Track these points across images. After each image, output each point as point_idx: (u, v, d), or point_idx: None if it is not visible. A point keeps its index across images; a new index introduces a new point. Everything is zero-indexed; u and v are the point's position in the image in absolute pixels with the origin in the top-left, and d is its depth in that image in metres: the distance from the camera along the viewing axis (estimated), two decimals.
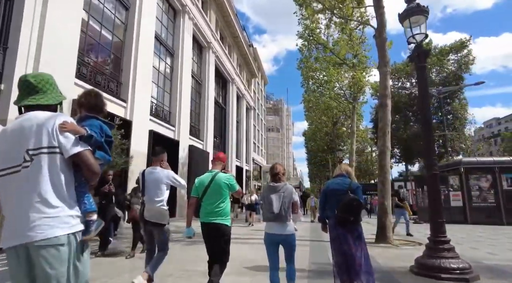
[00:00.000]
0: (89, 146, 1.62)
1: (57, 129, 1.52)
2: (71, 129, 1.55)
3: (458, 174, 15.79)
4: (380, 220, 8.18)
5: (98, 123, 1.80)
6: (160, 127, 16.15)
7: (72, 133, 1.56)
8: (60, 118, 1.56)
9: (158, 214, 3.76)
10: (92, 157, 1.60)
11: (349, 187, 3.55)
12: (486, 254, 6.97)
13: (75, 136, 1.57)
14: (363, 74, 15.13)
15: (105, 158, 1.78)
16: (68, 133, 1.54)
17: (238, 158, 32.66)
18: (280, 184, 3.43)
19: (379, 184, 8.45)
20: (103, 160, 1.76)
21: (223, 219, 3.42)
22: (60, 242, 1.44)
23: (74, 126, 1.59)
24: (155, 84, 16.58)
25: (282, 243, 3.33)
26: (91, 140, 1.64)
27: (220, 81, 29.04)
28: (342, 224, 3.45)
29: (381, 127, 8.58)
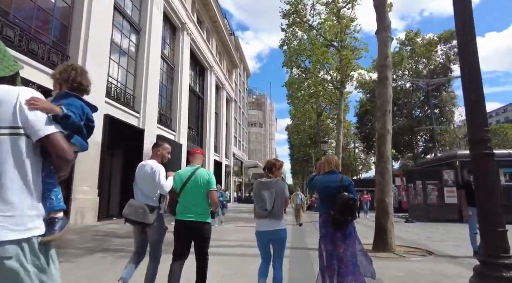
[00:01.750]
0: (63, 129, 1.37)
1: (22, 106, 1.26)
2: (42, 107, 1.31)
3: (453, 168, 14.44)
4: (378, 222, 6.47)
5: (79, 103, 1.58)
6: (120, 112, 13.94)
7: (44, 111, 1.32)
8: (25, 92, 1.31)
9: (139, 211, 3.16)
10: (65, 142, 1.35)
11: (341, 184, 3.35)
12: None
13: (47, 115, 1.33)
14: (352, 56, 13.45)
15: (82, 145, 1.57)
16: (38, 111, 1.30)
17: (216, 152, 30.64)
18: (272, 180, 3.30)
19: (377, 176, 6.74)
20: (79, 147, 1.55)
21: (202, 216, 3.17)
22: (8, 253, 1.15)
23: (46, 103, 1.35)
24: (115, 62, 14.33)
25: (273, 238, 3.22)
26: (67, 121, 1.41)
27: (197, 68, 26.86)
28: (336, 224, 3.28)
29: (380, 105, 6.88)
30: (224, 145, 33.26)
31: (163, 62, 19.33)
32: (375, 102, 27.37)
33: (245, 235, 8.58)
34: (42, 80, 9.29)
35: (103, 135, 12.23)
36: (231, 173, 37.09)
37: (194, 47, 24.01)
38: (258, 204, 3.22)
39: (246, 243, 7.22)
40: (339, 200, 3.20)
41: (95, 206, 11.63)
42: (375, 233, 6.53)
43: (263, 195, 3.20)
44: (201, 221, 3.13)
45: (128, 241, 7.32)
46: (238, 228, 11.41)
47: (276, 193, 3.20)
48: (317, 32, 15.03)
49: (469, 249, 6.87)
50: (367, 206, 17.50)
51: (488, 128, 3.01)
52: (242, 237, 8.36)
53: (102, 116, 12.22)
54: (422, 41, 27.87)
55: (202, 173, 3.25)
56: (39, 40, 10.05)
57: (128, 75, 15.55)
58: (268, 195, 3.19)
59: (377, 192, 6.66)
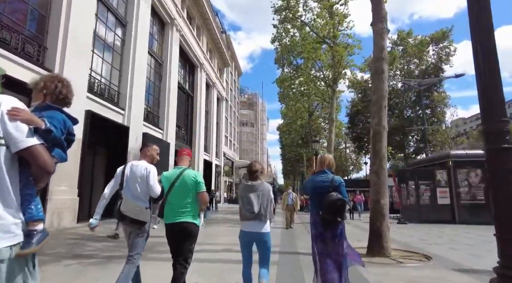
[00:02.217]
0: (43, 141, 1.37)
1: (4, 116, 1.26)
2: (24, 118, 1.30)
3: (446, 168, 14.21)
4: (373, 225, 6.06)
5: (62, 117, 1.60)
6: (103, 109, 13.30)
7: (25, 122, 1.31)
8: (7, 102, 1.30)
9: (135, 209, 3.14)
10: (47, 154, 1.37)
11: (331, 184, 3.30)
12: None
13: (29, 127, 1.32)
14: (346, 52, 13.09)
15: (62, 157, 1.60)
16: (20, 122, 1.29)
17: (207, 151, 30.03)
18: (258, 183, 3.32)
19: (372, 175, 6.34)
20: (59, 159, 1.57)
21: (190, 218, 3.15)
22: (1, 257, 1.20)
23: (28, 114, 1.34)
24: (98, 56, 13.67)
25: (257, 241, 3.26)
26: (48, 136, 1.42)
27: (186, 66, 26.24)
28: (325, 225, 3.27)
29: (376, 100, 6.49)
30: (214, 145, 32.68)
31: (150, 58, 18.71)
32: (367, 102, 27.08)
33: (232, 238, 8.09)
34: (15, 72, 8.65)
35: (84, 132, 11.58)
36: (222, 173, 36.51)
37: (183, 44, 23.40)
38: (245, 207, 3.23)
39: (233, 248, 6.73)
40: (327, 200, 3.18)
41: (75, 206, 10.99)
42: (369, 236, 6.12)
43: (249, 198, 3.21)
44: (189, 221, 3.12)
45: (104, 245, 6.77)
46: (225, 230, 10.91)
47: (262, 195, 3.23)
48: (309, 28, 14.63)
49: (467, 253, 6.54)
50: (360, 207, 17.09)
51: (506, 118, 2.59)
52: (228, 241, 7.87)
53: (84, 112, 11.60)
54: (414, 41, 27.78)
55: (189, 175, 3.22)
56: (12, 29, 9.38)
57: (113, 70, 14.90)
58: (254, 198, 3.21)
59: (372, 192, 6.26)
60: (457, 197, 13.70)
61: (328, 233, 3.26)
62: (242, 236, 3.30)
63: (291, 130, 30.43)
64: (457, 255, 6.25)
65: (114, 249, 6.33)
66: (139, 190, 3.21)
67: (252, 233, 3.22)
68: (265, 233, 3.23)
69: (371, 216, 6.21)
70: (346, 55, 13.54)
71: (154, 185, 3.23)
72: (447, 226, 12.54)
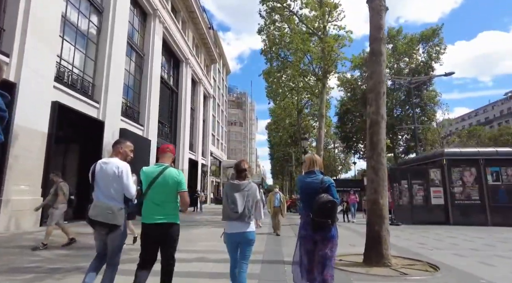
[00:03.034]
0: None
1: None
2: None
3: (440, 167, 13.61)
4: (371, 229, 5.24)
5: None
6: (75, 101, 12.17)
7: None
8: None
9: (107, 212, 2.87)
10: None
11: (321, 185, 3.16)
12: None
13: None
14: (336, 43, 12.32)
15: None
16: None
17: (192, 150, 28.94)
18: (244, 182, 3.21)
19: (369, 172, 5.52)
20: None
21: (171, 217, 2.97)
22: None
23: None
24: (70, 44, 12.54)
25: (242, 240, 3.14)
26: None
27: (171, 60, 25.15)
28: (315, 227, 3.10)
29: (373, 86, 5.69)
30: (200, 143, 31.59)
31: (130, 49, 17.60)
32: (357, 101, 26.44)
33: (212, 243, 7.17)
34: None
35: (50, 125, 10.46)
36: (208, 172, 35.44)
37: (167, 37, 22.33)
38: (229, 206, 3.13)
39: (209, 256, 5.82)
40: (317, 202, 3.05)
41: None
42: (366, 242, 5.29)
43: (234, 198, 3.12)
44: (169, 222, 2.96)
45: (57, 253, 5.76)
46: (206, 233, 9.96)
47: (248, 195, 3.15)
48: (298, 19, 13.81)
49: (475, 260, 5.80)
50: (354, 208, 15.74)
51: None
52: (206, 247, 6.94)
53: (50, 103, 10.49)
54: (404, 39, 27.38)
55: (171, 173, 3.03)
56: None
57: (87, 60, 13.76)
58: (239, 198, 3.12)
59: (369, 191, 5.45)
60: (451, 197, 13.11)
61: (317, 235, 3.11)
62: (227, 238, 3.19)
63: (280, 128, 29.54)
64: (465, 263, 5.49)
65: (64, 259, 5.33)
66: (112, 189, 2.98)
67: (236, 234, 3.12)
68: (250, 232, 3.13)
69: (368, 218, 5.40)
70: (337, 48, 12.77)
71: (128, 184, 3.02)
72: (442, 228, 11.91)
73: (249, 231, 3.12)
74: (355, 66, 30.92)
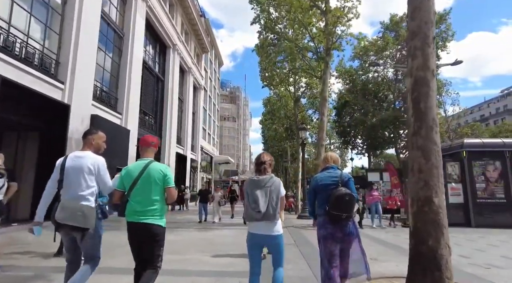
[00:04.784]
0: None
1: None
2: None
3: (459, 160, 11.89)
4: (420, 243, 3.37)
5: None
6: (30, 79, 10.12)
7: None
8: None
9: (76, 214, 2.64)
10: None
11: (340, 180, 3.15)
12: None
13: None
14: (343, 13, 10.45)
15: None
16: None
17: (180, 144, 26.94)
18: (266, 177, 2.98)
19: (415, 155, 3.64)
20: None
21: (157, 218, 2.78)
22: None
23: None
24: (23, 9, 10.44)
25: (268, 245, 3.01)
26: None
27: (157, 45, 23.05)
28: (332, 222, 3.06)
29: (416, 29, 3.81)
30: (189, 137, 29.54)
31: (107, 27, 15.54)
32: (356, 93, 24.54)
33: (203, 257, 5.29)
34: None
35: None
36: (199, 168, 33.45)
37: (152, 18, 20.24)
38: (251, 205, 2.89)
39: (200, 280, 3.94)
40: (334, 195, 3.01)
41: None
42: (412, 262, 3.44)
43: (256, 196, 2.89)
44: (153, 223, 2.75)
45: None
46: (190, 239, 8.07)
47: (271, 192, 2.91)
48: None
49: None
50: (376, 209, 11.63)
51: None
52: (195, 263, 5.05)
53: None
54: None
55: (155, 168, 2.85)
56: None
57: (49, 32, 11.69)
58: (261, 195, 2.88)
59: (415, 185, 3.58)
60: (472, 195, 11.39)
61: (338, 233, 3.05)
62: (249, 238, 2.97)
63: (275, 119, 27.54)
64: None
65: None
66: (85, 187, 2.76)
67: (261, 235, 2.89)
68: (277, 235, 2.91)
69: (413, 226, 3.53)
70: (342, 17, 10.85)
71: (106, 179, 2.87)
72: (465, 231, 10.19)
73: (275, 235, 2.90)
74: (355, 56, 29.17)
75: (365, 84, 28.19)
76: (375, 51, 25.85)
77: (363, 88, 28.00)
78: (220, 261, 5.35)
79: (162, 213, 2.83)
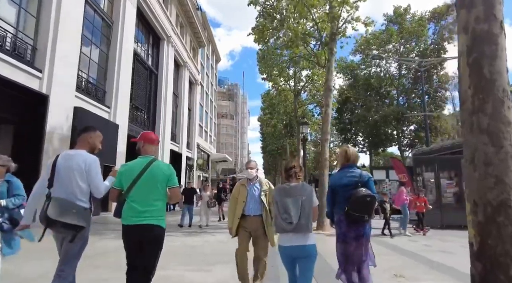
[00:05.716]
0: None
1: None
2: None
3: None
4: (494, 270, 2.31)
5: None
6: (4, 65, 9.05)
7: None
8: None
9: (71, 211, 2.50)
10: None
11: (359, 179, 3.06)
12: None
13: None
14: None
15: None
16: None
17: (175, 141, 25.88)
18: (297, 185, 2.79)
19: (477, 139, 2.56)
20: None
21: (158, 219, 2.64)
22: None
23: None
24: None
25: (300, 255, 2.68)
26: None
27: (150, 37, 21.94)
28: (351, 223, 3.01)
29: None
30: (185, 134, 28.46)
31: (94, 13, 14.43)
32: (357, 88, 23.49)
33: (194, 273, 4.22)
34: None
35: None
36: (195, 166, 32.39)
37: (144, 7, 19.12)
38: (282, 216, 2.70)
39: None
40: (355, 196, 2.92)
41: None
42: None
43: (286, 205, 2.69)
44: (154, 224, 2.60)
45: None
46: (168, 244, 7.00)
47: (303, 201, 2.69)
48: None
49: None
50: (406, 212, 9.72)
51: None
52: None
53: None
54: (413, 19, 24.63)
55: (160, 167, 2.74)
56: None
57: (25, 15, 10.61)
58: (293, 205, 2.68)
59: (478, 183, 2.50)
60: None
61: (351, 233, 3.01)
62: (282, 252, 2.75)
63: (273, 113, 26.38)
64: None
65: None
66: (77, 187, 2.61)
67: (293, 247, 2.67)
68: (310, 245, 2.67)
69: (481, 243, 2.47)
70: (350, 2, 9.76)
71: (97, 181, 2.67)
72: None
73: (309, 244, 2.66)
74: (357, 50, 28.18)
75: (367, 78, 27.17)
76: (378, 44, 24.83)
77: (365, 82, 26.98)
78: (208, 279, 4.31)
79: (162, 214, 2.73)
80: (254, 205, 3.69)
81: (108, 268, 4.66)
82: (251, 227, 3.65)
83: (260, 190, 3.74)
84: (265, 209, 3.66)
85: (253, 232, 3.65)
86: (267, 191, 3.75)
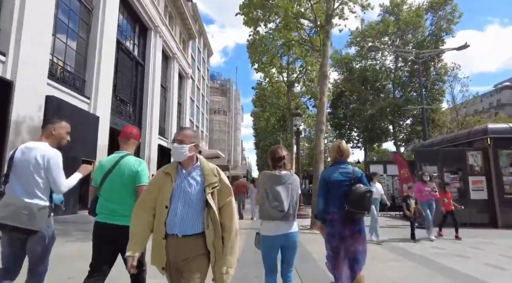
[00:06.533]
0: None
1: None
2: None
3: (481, 149, 10.13)
4: None
5: None
6: None
7: None
8: None
9: (21, 213, 2.26)
10: None
11: (353, 175, 3.03)
12: None
13: None
14: None
15: None
16: None
17: (163, 135, 24.84)
18: (287, 174, 2.72)
19: None
20: None
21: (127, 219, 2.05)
22: None
23: None
24: None
25: (286, 244, 2.65)
26: None
27: (136, 26, 20.80)
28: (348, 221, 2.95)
29: None
30: (174, 129, 27.38)
31: None
32: (353, 81, 22.61)
33: None
34: None
35: None
36: None
37: None
38: (272, 203, 2.61)
39: None
40: (355, 193, 2.88)
41: None
42: None
43: (277, 193, 2.63)
44: (124, 225, 2.28)
45: None
46: None
47: (292, 189, 2.69)
48: None
49: None
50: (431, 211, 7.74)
51: None
52: None
53: None
54: (409, 9, 23.87)
55: (128, 162, 2.52)
56: None
57: None
58: (284, 192, 2.64)
59: None
60: (498, 190, 9.66)
61: (346, 230, 2.93)
62: (270, 242, 2.66)
63: (265, 106, 25.42)
64: None
65: None
66: (33, 183, 2.38)
67: (281, 235, 2.62)
68: (295, 232, 2.70)
69: None
70: None
71: (56, 177, 2.41)
72: (493, 233, 8.45)
73: (294, 231, 2.68)
74: (352, 42, 27.35)
75: (362, 71, 26.38)
76: (374, 36, 24.02)
77: (361, 75, 26.20)
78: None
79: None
80: (187, 215, 1.91)
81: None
82: (180, 257, 1.89)
83: (202, 185, 1.98)
84: (213, 222, 1.91)
85: (183, 264, 1.89)
86: (217, 187, 2.00)
